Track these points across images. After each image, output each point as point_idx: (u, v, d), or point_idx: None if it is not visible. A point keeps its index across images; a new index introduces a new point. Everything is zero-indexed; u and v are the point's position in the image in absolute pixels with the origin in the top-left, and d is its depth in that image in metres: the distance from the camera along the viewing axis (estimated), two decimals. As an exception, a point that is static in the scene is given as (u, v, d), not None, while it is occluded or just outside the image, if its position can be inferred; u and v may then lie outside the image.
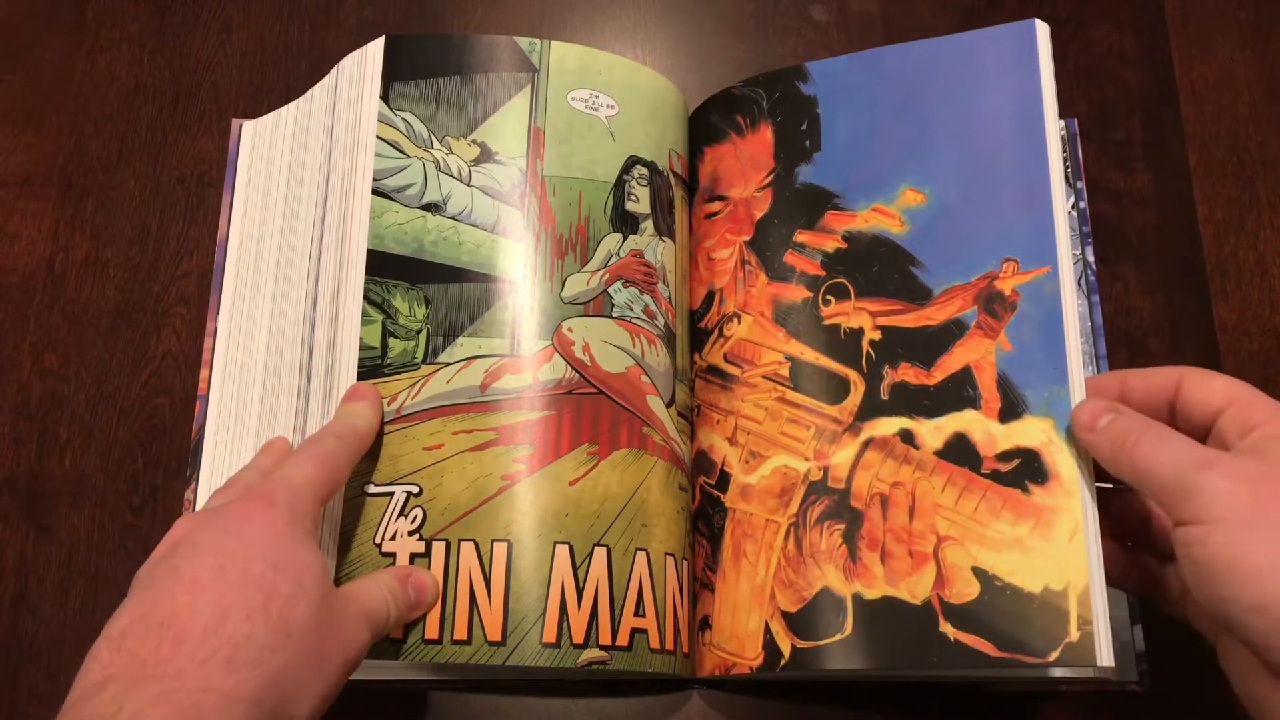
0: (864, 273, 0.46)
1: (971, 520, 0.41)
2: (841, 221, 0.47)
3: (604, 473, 0.44)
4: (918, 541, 0.42)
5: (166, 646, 0.31)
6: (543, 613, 0.42)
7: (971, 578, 0.41)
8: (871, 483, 0.44)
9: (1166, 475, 0.33)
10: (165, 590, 0.33)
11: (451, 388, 0.45)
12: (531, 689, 0.47)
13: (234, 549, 0.34)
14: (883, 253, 0.46)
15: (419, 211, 0.47)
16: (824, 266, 0.47)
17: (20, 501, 0.50)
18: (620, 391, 0.46)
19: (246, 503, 0.36)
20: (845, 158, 0.48)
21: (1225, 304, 0.54)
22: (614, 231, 0.48)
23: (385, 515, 0.43)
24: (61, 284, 0.54)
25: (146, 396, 0.52)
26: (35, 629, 0.48)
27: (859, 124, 0.48)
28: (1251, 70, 0.58)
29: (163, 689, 0.30)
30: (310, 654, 0.33)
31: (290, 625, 0.33)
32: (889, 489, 0.43)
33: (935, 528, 0.42)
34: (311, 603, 0.34)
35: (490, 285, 0.46)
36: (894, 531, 0.43)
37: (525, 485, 0.43)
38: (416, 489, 0.43)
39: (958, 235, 0.45)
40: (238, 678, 0.31)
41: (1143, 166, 0.57)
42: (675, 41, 0.59)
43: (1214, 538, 0.31)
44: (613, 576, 0.43)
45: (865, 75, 0.49)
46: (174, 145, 0.56)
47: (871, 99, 0.48)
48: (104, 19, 0.59)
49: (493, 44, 0.49)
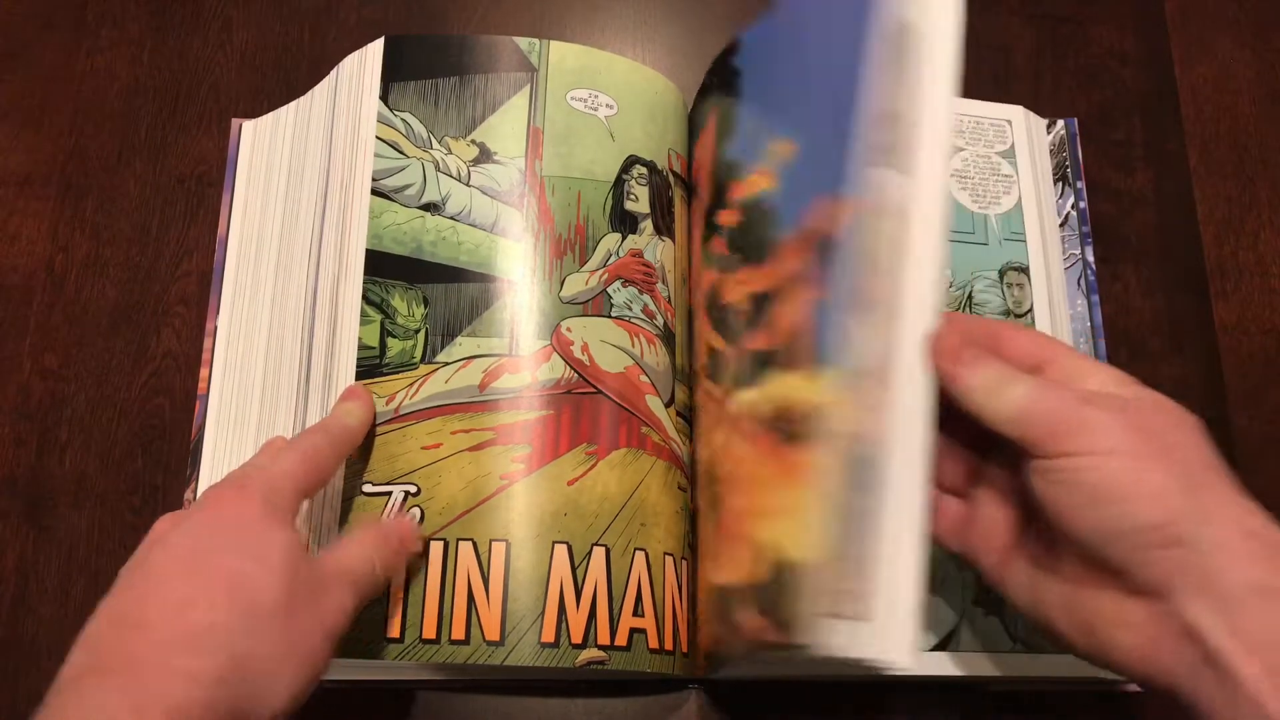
0: (749, 243, 0.44)
1: (770, 491, 0.38)
2: (738, 192, 0.45)
3: (602, 472, 0.44)
4: (741, 522, 0.40)
5: (131, 639, 0.32)
6: (541, 612, 0.42)
7: (766, 555, 0.38)
8: (729, 465, 0.43)
9: (1048, 413, 0.35)
10: (135, 588, 0.34)
11: (450, 387, 0.45)
12: (531, 689, 0.47)
13: (203, 540, 0.35)
14: (758, 216, 0.44)
15: (418, 211, 0.47)
16: (729, 246, 0.46)
17: (20, 501, 0.50)
18: (619, 391, 0.46)
19: (221, 493, 0.37)
20: (748, 123, 0.46)
21: (1225, 304, 0.54)
22: (613, 231, 0.48)
23: (384, 515, 0.43)
24: (61, 284, 0.54)
25: (146, 396, 0.52)
26: (35, 629, 0.48)
27: (763, 84, 0.46)
28: (1251, 70, 0.58)
29: (124, 679, 0.31)
30: (282, 633, 0.34)
31: (257, 608, 0.34)
32: (733, 468, 0.42)
33: (755, 504, 0.39)
34: (280, 583, 0.34)
35: (489, 285, 0.46)
36: (732, 514, 0.42)
37: (523, 485, 0.43)
38: (414, 488, 0.43)
39: (817, 184, 0.40)
40: (200, 661, 0.32)
41: (1143, 166, 0.57)
42: (675, 41, 0.59)
43: (1110, 465, 0.33)
44: (611, 576, 0.43)
45: (777, 30, 0.46)
46: (174, 145, 0.56)
47: (773, 54, 0.46)
48: (104, 19, 0.59)
49: (492, 44, 0.49)
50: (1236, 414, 0.53)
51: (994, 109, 0.55)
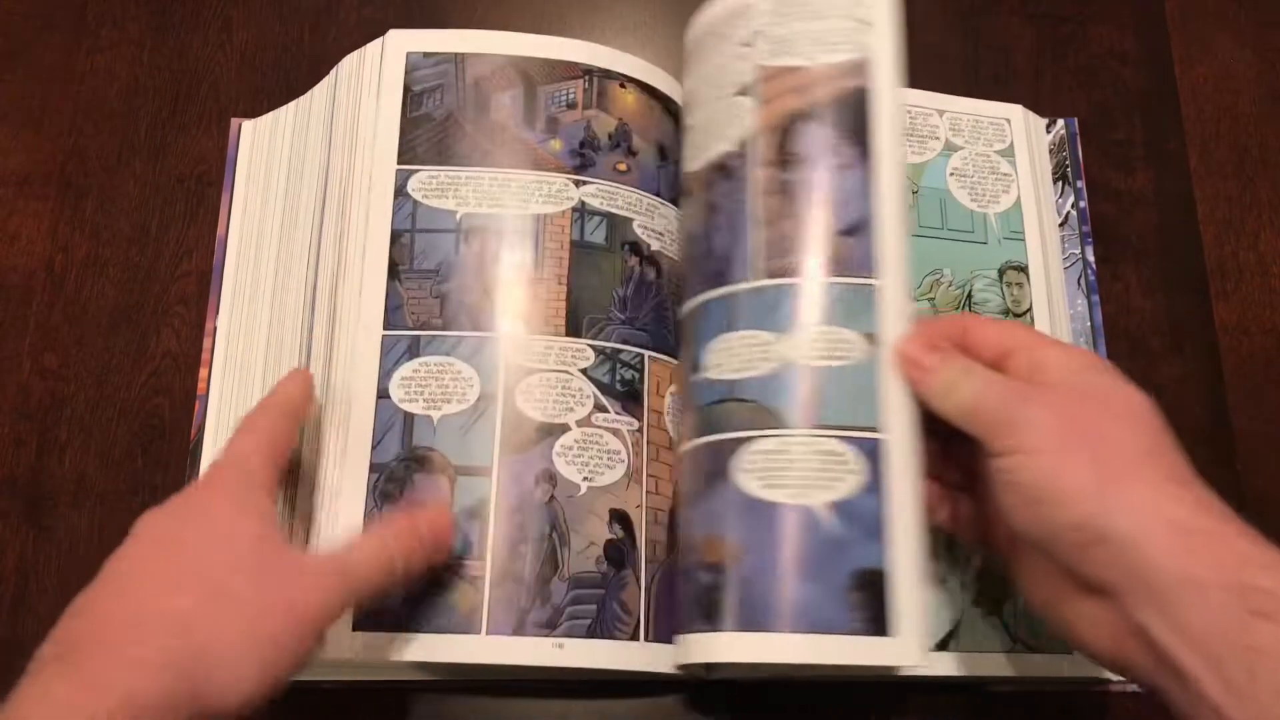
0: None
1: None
2: None
3: None
4: None
5: (90, 628, 0.32)
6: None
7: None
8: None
9: (991, 410, 0.35)
10: (102, 584, 0.34)
11: None
12: (531, 689, 0.47)
13: (171, 531, 0.35)
14: None
15: None
16: None
17: (20, 501, 0.50)
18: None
19: (193, 483, 0.38)
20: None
21: (1225, 304, 0.54)
22: None
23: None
24: (61, 284, 0.54)
25: (146, 396, 0.52)
26: (35, 629, 0.48)
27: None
28: (1251, 70, 0.58)
29: (81, 667, 0.31)
30: (247, 622, 0.33)
31: (219, 595, 0.33)
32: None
33: None
34: (247, 570, 0.34)
35: None
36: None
37: None
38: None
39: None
40: (157, 649, 0.32)
41: (1143, 166, 0.57)
42: (675, 41, 0.59)
43: (1037, 464, 0.33)
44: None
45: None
46: (174, 145, 0.56)
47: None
48: (104, 19, 0.59)
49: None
50: (1236, 414, 0.53)
51: (993, 107, 0.55)
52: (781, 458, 0.40)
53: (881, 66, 0.42)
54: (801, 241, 0.41)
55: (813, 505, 0.39)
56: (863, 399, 0.39)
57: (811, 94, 0.41)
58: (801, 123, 0.42)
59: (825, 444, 0.39)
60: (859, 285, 0.40)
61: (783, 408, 0.40)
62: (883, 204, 0.41)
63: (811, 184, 0.41)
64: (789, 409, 0.40)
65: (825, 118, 0.42)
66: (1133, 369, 0.53)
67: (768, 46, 0.42)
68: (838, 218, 0.41)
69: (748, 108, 0.43)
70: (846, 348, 0.40)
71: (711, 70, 0.44)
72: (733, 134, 0.44)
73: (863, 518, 0.39)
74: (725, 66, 0.44)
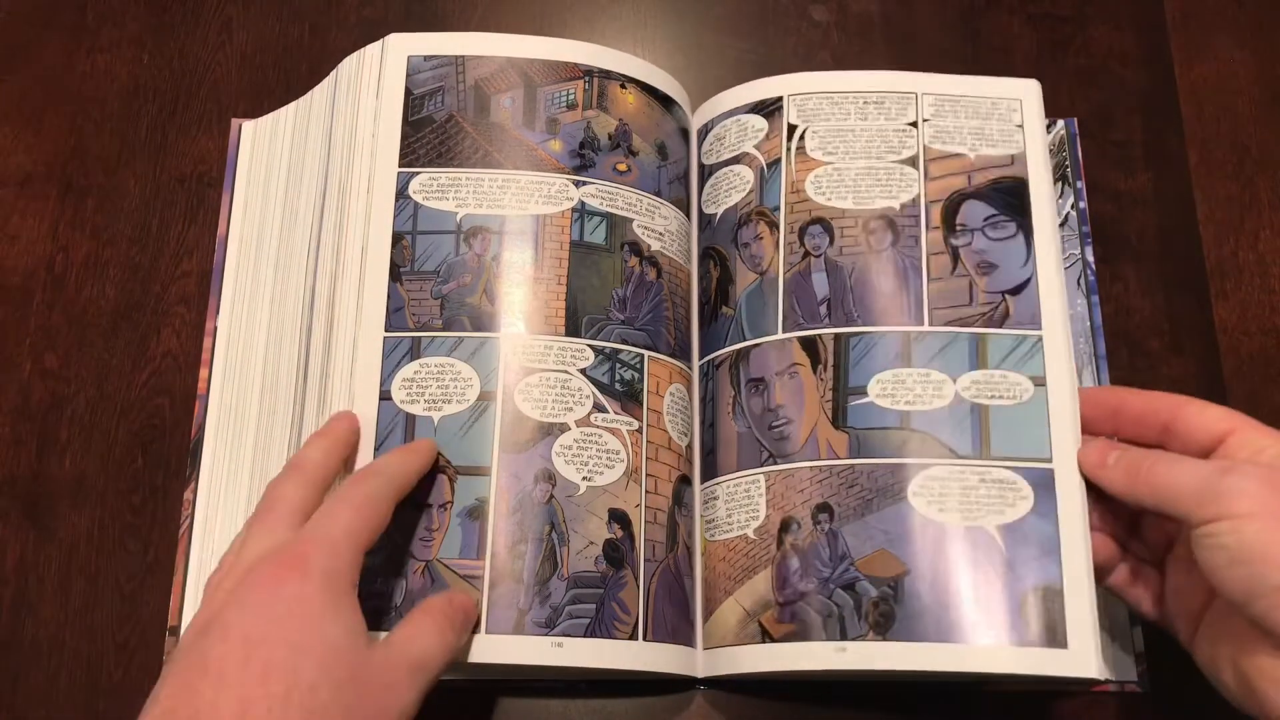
0: None
1: None
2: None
3: None
4: None
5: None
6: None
7: None
8: None
9: (1190, 486, 0.38)
10: (192, 684, 0.33)
11: None
12: (531, 689, 0.47)
13: (261, 632, 0.34)
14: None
15: None
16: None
17: (20, 501, 0.50)
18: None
19: (279, 569, 0.36)
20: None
21: (1225, 304, 0.54)
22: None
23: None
24: (61, 284, 0.54)
25: (146, 396, 0.52)
26: (35, 629, 0.48)
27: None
28: (1251, 70, 0.58)
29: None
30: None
31: (311, 712, 0.33)
32: None
33: None
34: (336, 684, 0.34)
35: None
36: None
37: None
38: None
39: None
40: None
41: (1143, 166, 0.57)
42: (675, 41, 0.59)
43: (1248, 528, 0.36)
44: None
45: None
46: (174, 145, 0.56)
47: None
48: (104, 19, 0.59)
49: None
50: (1236, 414, 0.53)
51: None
52: (955, 484, 0.44)
53: (1034, 160, 0.49)
54: (975, 297, 0.47)
55: (986, 526, 0.43)
56: (1032, 433, 0.45)
57: (974, 179, 0.49)
58: (966, 202, 0.49)
59: (997, 473, 0.44)
60: (1026, 335, 0.46)
61: (957, 439, 0.45)
62: (1042, 268, 0.47)
63: (978, 250, 0.48)
64: (962, 440, 0.45)
65: (989, 198, 0.49)
66: (1133, 369, 0.53)
67: (932, 132, 0.50)
68: (1004, 280, 0.47)
69: (913, 178, 0.49)
70: (1019, 389, 0.45)
71: (870, 132, 0.50)
72: (896, 194, 0.49)
73: (1035, 538, 0.43)
74: (888, 137, 0.50)
